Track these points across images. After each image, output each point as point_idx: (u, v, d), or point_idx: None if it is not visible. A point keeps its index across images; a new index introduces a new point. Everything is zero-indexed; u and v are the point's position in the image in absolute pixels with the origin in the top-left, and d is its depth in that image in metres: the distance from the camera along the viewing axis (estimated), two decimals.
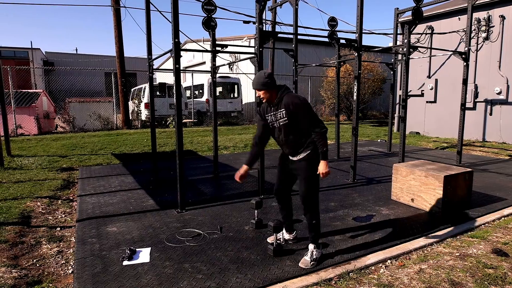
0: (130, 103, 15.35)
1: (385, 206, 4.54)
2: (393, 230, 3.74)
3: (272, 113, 3.08)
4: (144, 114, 14.56)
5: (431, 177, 4.22)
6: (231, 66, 19.58)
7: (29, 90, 13.22)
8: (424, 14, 6.58)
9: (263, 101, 3.06)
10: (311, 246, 3.05)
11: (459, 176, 4.27)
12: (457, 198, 4.32)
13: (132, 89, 17.27)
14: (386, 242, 3.42)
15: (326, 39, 7.32)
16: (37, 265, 3.09)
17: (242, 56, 12.43)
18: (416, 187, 4.42)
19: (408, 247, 3.36)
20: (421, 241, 3.47)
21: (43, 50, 30.73)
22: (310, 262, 2.95)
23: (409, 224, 3.90)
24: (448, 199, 4.18)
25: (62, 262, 3.16)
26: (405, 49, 6.15)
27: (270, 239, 3.40)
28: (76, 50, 45.39)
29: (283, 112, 2.99)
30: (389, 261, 3.12)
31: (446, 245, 3.44)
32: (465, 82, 7.09)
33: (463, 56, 7.04)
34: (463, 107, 7.17)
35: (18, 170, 6.68)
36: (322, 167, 2.99)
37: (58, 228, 3.93)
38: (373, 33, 13.90)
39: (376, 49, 7.68)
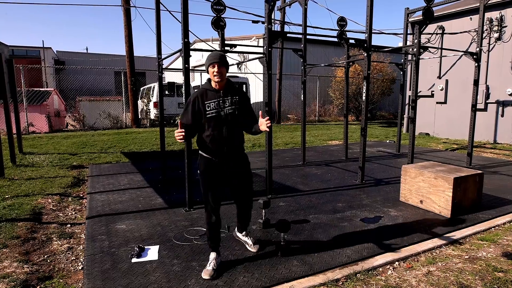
0: (139, 102, 15.49)
1: (393, 207, 4.51)
2: (401, 231, 3.71)
3: (216, 100, 2.81)
4: (153, 113, 14.68)
5: (440, 179, 4.18)
6: (240, 66, 19.61)
7: (40, 89, 13.43)
8: (434, 14, 6.51)
9: (216, 80, 2.76)
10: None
11: (469, 178, 4.22)
12: (466, 200, 4.28)
13: (141, 88, 17.42)
14: (394, 244, 3.40)
15: (335, 39, 7.29)
16: (48, 261, 3.14)
17: (251, 56, 12.44)
18: (425, 188, 4.38)
19: (416, 249, 3.34)
20: (429, 243, 3.45)
21: (54, 49, 31.18)
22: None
23: (417, 226, 3.87)
24: (457, 201, 4.14)
25: (72, 258, 3.21)
26: (415, 49, 6.09)
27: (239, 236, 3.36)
28: (87, 49, 45.94)
29: (236, 99, 2.85)
30: (397, 262, 3.11)
31: (455, 247, 3.41)
32: (476, 83, 7.00)
33: (474, 56, 6.95)
34: (474, 108, 7.08)
35: (29, 167, 6.80)
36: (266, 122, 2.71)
37: (69, 225, 3.99)
38: (382, 33, 13.80)
39: (386, 49, 7.63)
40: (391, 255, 3.19)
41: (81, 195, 5.18)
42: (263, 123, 2.73)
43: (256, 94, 18.65)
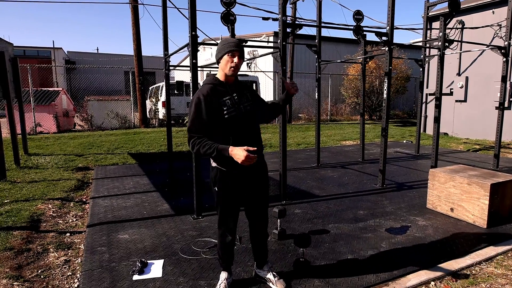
0: (148, 101, 15.27)
1: (420, 215, 4.11)
2: (432, 244, 3.32)
3: (229, 97, 2.30)
4: (162, 112, 14.43)
5: (475, 185, 3.76)
6: (249, 64, 19.27)
7: (49, 89, 13.28)
8: None
9: (232, 73, 2.28)
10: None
11: (508, 184, 3.80)
12: (504, 209, 3.85)
13: (150, 88, 17.21)
14: (427, 259, 3.01)
15: (349, 36, 6.89)
16: (42, 276, 2.84)
17: (264, 52, 12.09)
18: (457, 195, 3.97)
19: (453, 265, 2.94)
20: (467, 259, 3.05)
21: (65, 49, 31.31)
22: None
23: (450, 238, 3.47)
24: (494, 210, 3.72)
25: (69, 273, 2.90)
26: (439, 43, 5.66)
27: None
28: (97, 49, 46.13)
29: (247, 93, 2.40)
30: (432, 282, 2.72)
31: (497, 264, 3.01)
32: (504, 79, 6.52)
33: (502, 51, 6.47)
34: (502, 107, 6.60)
35: (33, 169, 6.56)
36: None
37: (68, 234, 3.70)
38: (398, 28, 13.24)
39: (407, 43, 7.20)
40: (425, 274, 2.81)
41: (84, 200, 4.90)
42: (289, 87, 2.47)
43: (266, 93, 18.29)
